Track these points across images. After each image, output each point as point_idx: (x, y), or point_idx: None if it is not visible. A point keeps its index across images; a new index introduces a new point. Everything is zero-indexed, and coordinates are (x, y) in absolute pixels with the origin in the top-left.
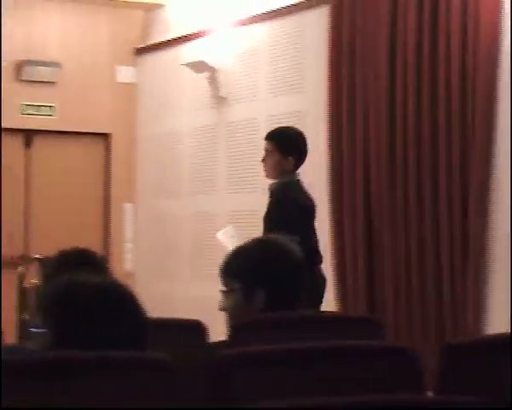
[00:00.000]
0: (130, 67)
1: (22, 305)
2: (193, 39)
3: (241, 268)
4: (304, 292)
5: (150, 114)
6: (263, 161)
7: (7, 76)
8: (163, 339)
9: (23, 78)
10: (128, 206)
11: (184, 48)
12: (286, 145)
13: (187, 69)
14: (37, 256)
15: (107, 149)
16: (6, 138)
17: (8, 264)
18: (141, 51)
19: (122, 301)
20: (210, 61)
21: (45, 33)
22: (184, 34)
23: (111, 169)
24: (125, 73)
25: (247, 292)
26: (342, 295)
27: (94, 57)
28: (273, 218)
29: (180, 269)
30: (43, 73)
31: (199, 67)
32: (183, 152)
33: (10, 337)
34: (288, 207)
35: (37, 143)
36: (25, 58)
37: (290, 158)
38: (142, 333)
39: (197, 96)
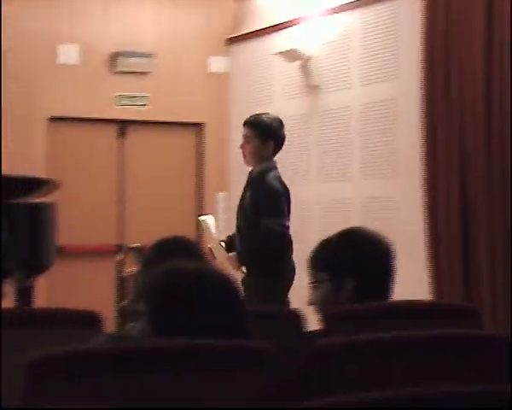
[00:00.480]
0: (223, 57)
1: (121, 293)
2: (285, 28)
3: (330, 259)
4: (393, 281)
5: (242, 103)
6: (241, 147)
7: (101, 67)
8: (260, 328)
9: (117, 69)
10: (221, 195)
11: (276, 37)
12: (265, 131)
13: (279, 58)
14: (133, 245)
15: (201, 138)
16: (100, 129)
17: (108, 253)
18: (233, 41)
19: (223, 289)
20: (302, 50)
21: (139, 25)
22: (276, 23)
23: (204, 159)
24: (217, 63)
25: (337, 282)
26: (437, 282)
27: (187, 47)
28: (261, 204)
29: None
30: (136, 63)
31: (291, 55)
32: None
33: (110, 325)
34: (275, 193)
35: (131, 133)
36: (119, 50)
37: (269, 144)
38: (244, 321)
39: (289, 84)
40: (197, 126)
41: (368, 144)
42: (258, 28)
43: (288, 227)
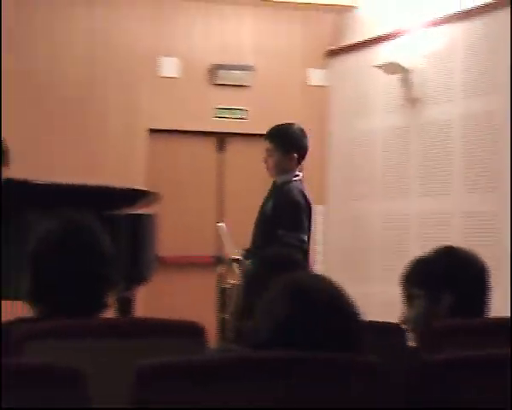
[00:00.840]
0: (322, 70)
1: (222, 305)
2: (385, 40)
3: (427, 275)
4: (489, 299)
5: (342, 116)
6: (264, 161)
7: (201, 80)
8: (367, 342)
9: (217, 81)
10: (320, 208)
11: (376, 49)
12: (286, 144)
13: (379, 71)
14: (234, 257)
15: None
16: (199, 141)
17: (207, 264)
18: (332, 53)
19: (338, 302)
20: (402, 62)
21: (238, 38)
22: (376, 35)
23: (302, 172)
24: (316, 76)
25: (433, 299)
26: None
27: (286, 60)
28: (280, 215)
29: (371, 270)
30: (236, 76)
31: (391, 68)
32: (375, 154)
33: (211, 337)
34: (295, 205)
35: (230, 145)
36: (219, 62)
37: (291, 156)
38: (355, 335)
39: (389, 97)
40: None
41: (469, 158)
42: (357, 41)
43: (304, 242)
